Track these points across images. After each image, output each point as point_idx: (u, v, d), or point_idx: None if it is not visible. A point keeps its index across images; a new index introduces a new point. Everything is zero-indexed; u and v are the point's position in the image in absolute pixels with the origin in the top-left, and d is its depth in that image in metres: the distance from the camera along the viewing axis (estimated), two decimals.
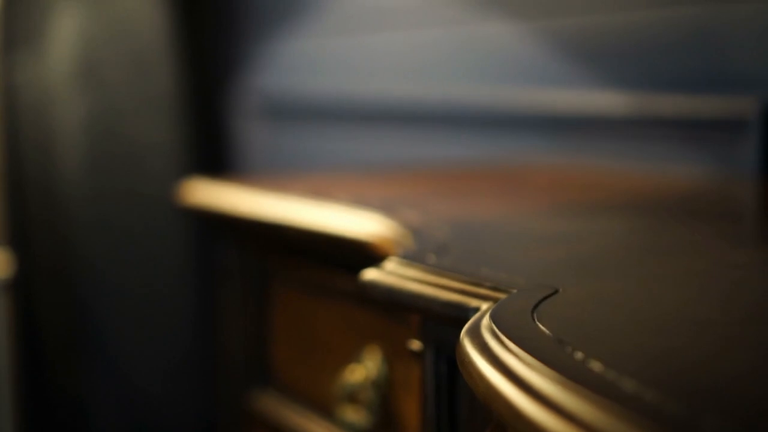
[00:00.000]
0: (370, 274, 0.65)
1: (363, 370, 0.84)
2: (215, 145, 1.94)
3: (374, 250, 0.78)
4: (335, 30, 1.65)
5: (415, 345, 0.66)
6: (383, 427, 0.83)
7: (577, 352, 0.42)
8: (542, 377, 0.39)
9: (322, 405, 0.93)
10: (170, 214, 1.77)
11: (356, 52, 1.60)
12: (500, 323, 0.47)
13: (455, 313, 0.57)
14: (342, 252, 0.86)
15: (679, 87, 1.09)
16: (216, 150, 1.94)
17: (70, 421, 1.77)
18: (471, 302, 0.56)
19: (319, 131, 1.70)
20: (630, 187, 1.05)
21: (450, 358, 0.62)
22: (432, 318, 0.62)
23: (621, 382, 0.38)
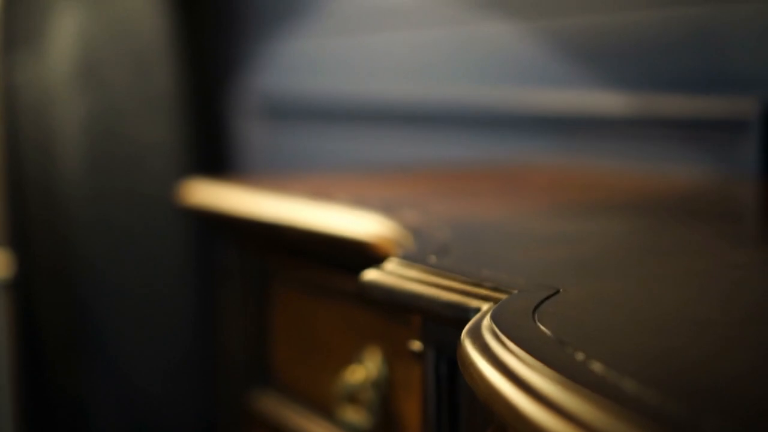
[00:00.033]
0: (371, 275, 0.65)
1: (363, 371, 0.84)
2: (215, 145, 1.94)
3: (374, 251, 0.78)
4: (335, 30, 1.65)
5: (416, 345, 0.66)
6: (383, 428, 0.83)
7: (578, 353, 0.42)
8: (543, 378, 0.39)
9: (323, 405, 0.93)
10: (170, 214, 1.77)
11: (356, 52, 1.60)
12: (501, 324, 0.47)
13: (456, 314, 0.57)
14: (342, 252, 0.86)
15: (680, 87, 1.09)
16: (216, 150, 1.94)
17: (70, 421, 1.77)
18: (471, 303, 0.56)
19: (319, 131, 1.70)
20: (630, 187, 1.05)
21: (450, 359, 0.62)
22: (432, 318, 0.62)
23: (621, 383, 0.38)
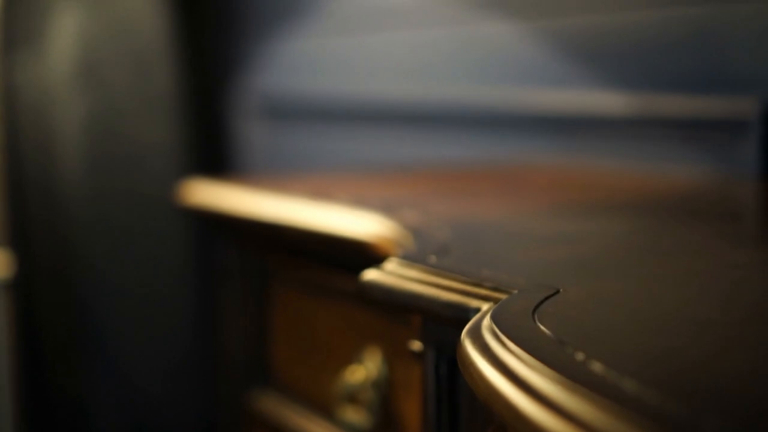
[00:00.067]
0: (371, 275, 0.65)
1: (363, 371, 0.84)
2: (215, 145, 1.94)
3: (374, 251, 0.78)
4: (335, 30, 1.65)
5: (416, 345, 0.66)
6: (383, 428, 0.83)
7: (578, 353, 0.42)
8: (543, 378, 0.39)
9: (323, 405, 0.93)
10: (170, 214, 1.77)
11: (356, 52, 1.60)
12: (501, 324, 0.47)
13: (456, 314, 0.57)
14: (342, 252, 0.86)
15: (680, 87, 1.09)
16: (216, 150, 1.94)
17: (70, 421, 1.77)
18: (471, 303, 0.56)
19: (319, 131, 1.70)
20: (630, 187, 1.05)
21: (450, 359, 0.62)
22: (432, 318, 0.62)
23: (621, 383, 0.38)
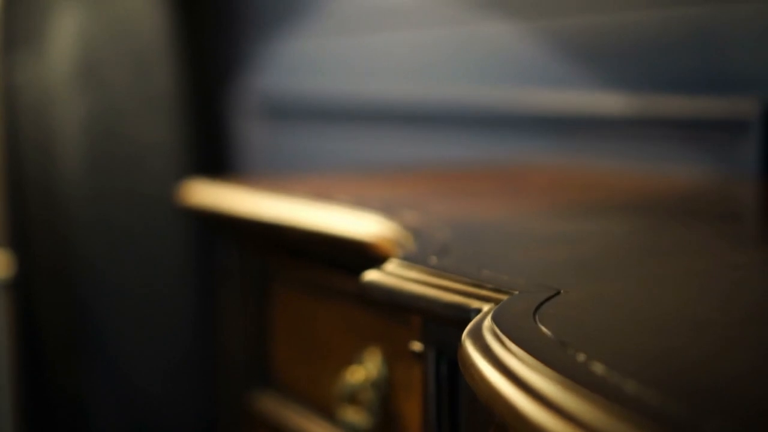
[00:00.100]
0: (371, 276, 0.65)
1: (363, 371, 0.84)
2: (215, 145, 1.94)
3: (375, 251, 0.78)
4: (335, 30, 1.65)
5: (417, 346, 0.66)
6: (384, 428, 0.83)
7: (579, 354, 0.42)
8: (544, 379, 0.39)
9: (323, 405, 0.93)
10: (170, 214, 1.77)
11: (356, 52, 1.60)
12: (502, 325, 0.47)
13: (456, 315, 0.57)
14: (342, 253, 0.86)
15: (680, 87, 1.09)
16: (216, 150, 1.94)
17: (70, 421, 1.77)
18: (472, 303, 0.56)
19: (319, 131, 1.70)
20: (630, 188, 1.05)
21: (451, 360, 0.62)
22: (433, 319, 0.62)
23: (622, 383, 0.38)
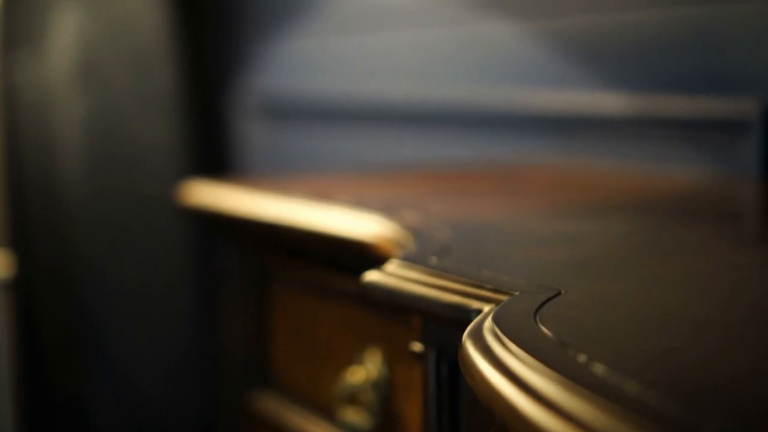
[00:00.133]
0: (371, 276, 0.65)
1: (364, 372, 0.84)
2: (215, 145, 1.94)
3: (375, 252, 0.78)
4: (335, 30, 1.65)
5: (417, 347, 0.66)
6: (384, 429, 0.83)
7: (580, 354, 0.42)
8: (545, 379, 0.39)
9: (323, 406, 0.93)
10: (170, 214, 1.77)
11: (356, 52, 1.60)
12: (503, 325, 0.47)
13: (457, 315, 0.57)
14: (342, 253, 0.86)
15: (680, 87, 1.09)
16: (216, 150, 1.94)
17: (70, 421, 1.77)
18: (473, 304, 0.56)
19: (319, 131, 1.70)
20: (630, 187, 1.05)
21: (451, 360, 0.62)
22: (433, 320, 0.62)
23: (622, 384, 0.38)
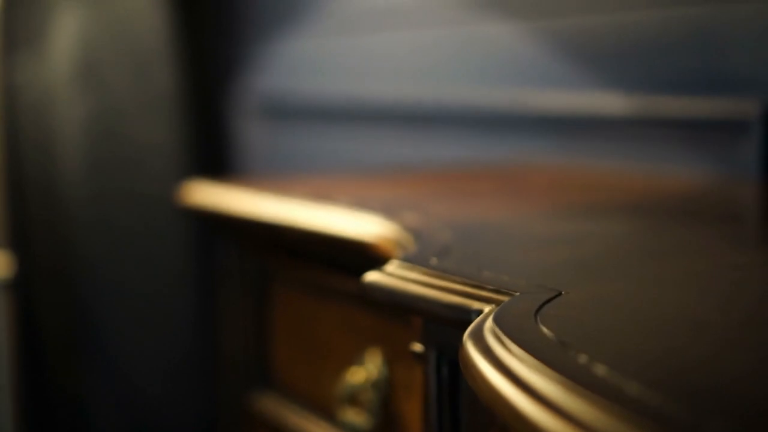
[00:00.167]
0: (372, 276, 0.65)
1: (364, 372, 0.84)
2: (215, 146, 1.94)
3: (375, 252, 0.78)
4: (335, 30, 1.65)
5: (417, 347, 0.66)
6: (384, 429, 0.83)
7: (580, 355, 0.42)
8: (545, 380, 0.39)
9: (323, 406, 0.93)
10: (170, 215, 1.77)
11: (356, 53, 1.60)
12: (503, 326, 0.47)
13: (457, 316, 0.57)
14: (343, 253, 0.86)
15: (680, 88, 1.09)
16: (216, 150, 1.94)
17: (70, 421, 1.77)
18: (473, 305, 0.56)
19: (320, 132, 1.70)
20: (630, 188, 1.05)
21: (452, 361, 0.62)
22: (434, 320, 0.62)
23: (622, 384, 0.38)
